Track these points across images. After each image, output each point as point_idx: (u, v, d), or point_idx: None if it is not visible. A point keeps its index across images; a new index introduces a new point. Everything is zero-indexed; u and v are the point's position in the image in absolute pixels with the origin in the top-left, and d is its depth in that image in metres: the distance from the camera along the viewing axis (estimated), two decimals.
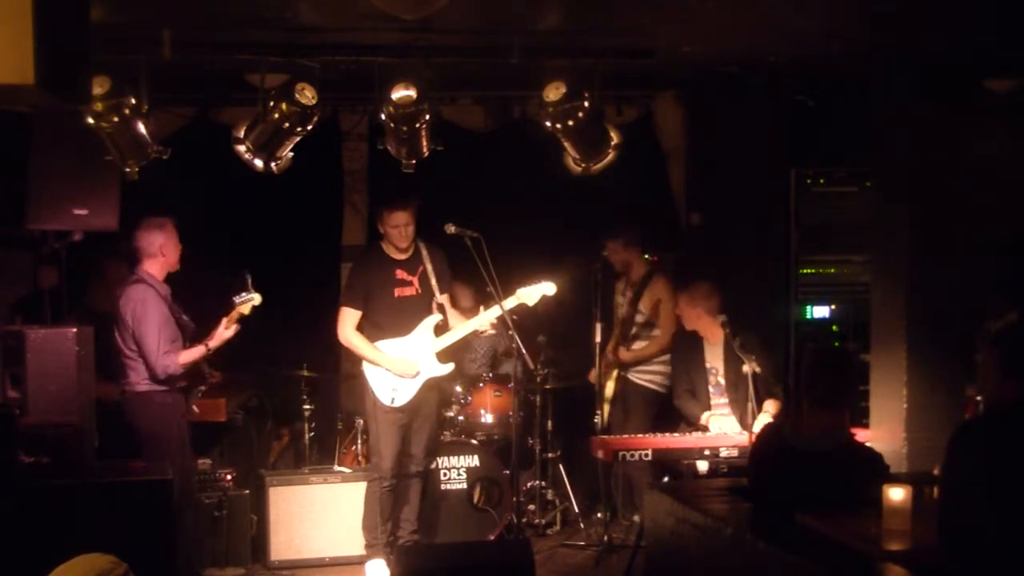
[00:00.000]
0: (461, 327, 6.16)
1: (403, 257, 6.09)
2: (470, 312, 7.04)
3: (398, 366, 5.98)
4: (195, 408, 5.93)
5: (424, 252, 6.12)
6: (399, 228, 5.98)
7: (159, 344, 5.58)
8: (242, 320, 6.13)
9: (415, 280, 6.09)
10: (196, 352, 5.67)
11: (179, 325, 5.76)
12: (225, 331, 5.66)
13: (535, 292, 6.11)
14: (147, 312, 5.61)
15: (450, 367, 6.13)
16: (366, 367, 6.05)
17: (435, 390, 6.22)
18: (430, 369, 6.07)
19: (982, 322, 5.18)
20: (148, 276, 5.72)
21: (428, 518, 6.41)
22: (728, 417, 5.97)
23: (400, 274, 6.07)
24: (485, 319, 6.15)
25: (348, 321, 6.04)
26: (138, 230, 5.74)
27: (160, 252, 5.72)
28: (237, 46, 5.70)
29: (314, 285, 7.49)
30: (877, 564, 3.21)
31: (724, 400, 6.10)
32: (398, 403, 6.00)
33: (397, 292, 6.06)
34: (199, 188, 6.89)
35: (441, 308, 6.14)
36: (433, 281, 6.11)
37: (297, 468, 6.82)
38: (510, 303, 6.05)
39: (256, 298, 5.67)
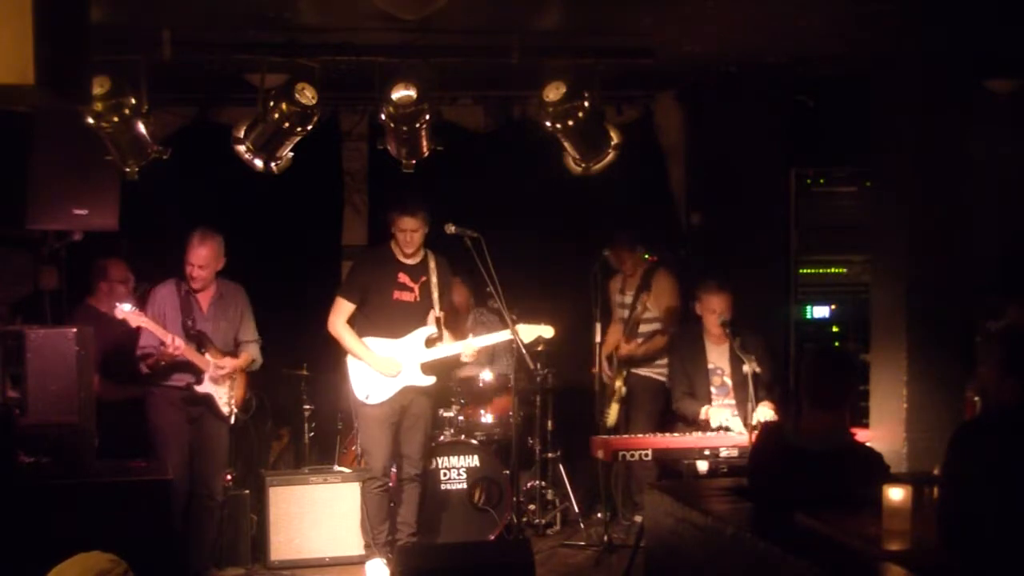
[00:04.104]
0: (451, 345, 6.16)
1: (410, 262, 6.08)
2: (462, 309, 7.06)
3: (380, 364, 5.99)
4: (232, 418, 6.00)
5: (432, 264, 6.13)
6: (405, 233, 5.98)
7: (141, 337, 5.74)
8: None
9: (416, 288, 6.08)
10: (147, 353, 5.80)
11: (184, 328, 5.79)
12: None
13: (532, 332, 6.18)
14: (148, 307, 5.84)
15: (432, 379, 6.11)
16: (348, 361, 6.07)
17: (428, 393, 6.19)
18: (412, 377, 6.06)
19: (982, 322, 5.18)
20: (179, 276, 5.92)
21: (428, 518, 6.41)
22: (734, 418, 5.94)
23: (402, 278, 6.07)
24: (476, 344, 6.19)
25: (340, 312, 6.06)
26: None
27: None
28: (237, 46, 5.71)
29: (314, 285, 7.48)
30: (877, 564, 3.21)
31: (731, 401, 6.08)
32: (372, 400, 6.00)
33: (396, 295, 6.05)
34: (199, 188, 6.89)
35: (437, 322, 6.14)
36: (435, 294, 6.11)
37: (297, 468, 6.82)
38: (504, 335, 6.10)
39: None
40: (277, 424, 7.30)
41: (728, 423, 5.87)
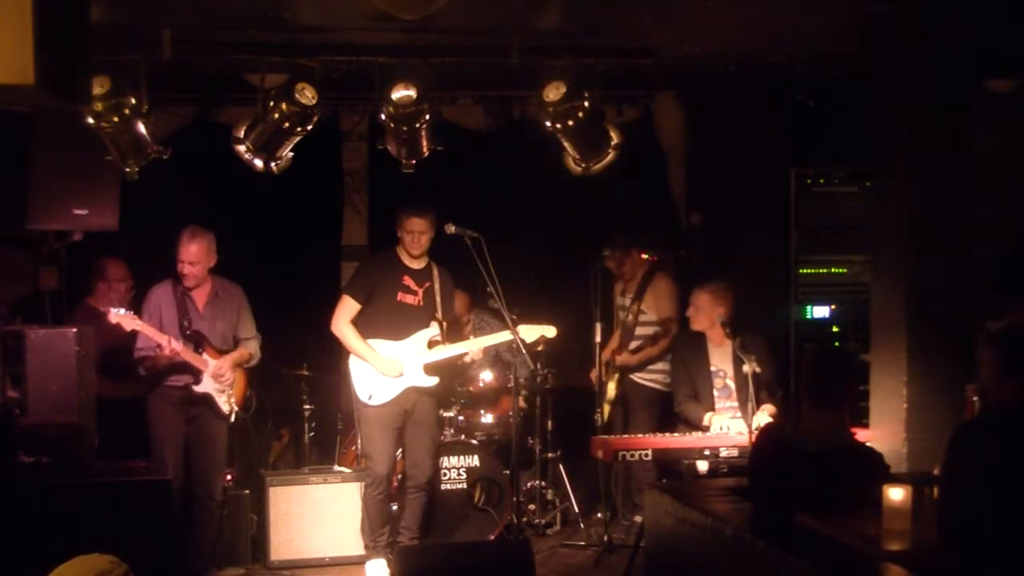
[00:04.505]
0: (455, 346, 6.17)
1: (415, 266, 6.08)
2: (462, 320, 7.06)
3: (384, 365, 5.97)
4: (232, 416, 5.98)
5: (435, 272, 6.13)
6: (413, 234, 5.98)
7: (138, 339, 5.74)
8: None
9: (420, 292, 6.08)
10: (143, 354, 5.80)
11: (180, 328, 5.78)
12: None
13: (535, 332, 6.17)
14: (144, 306, 5.85)
15: (435, 380, 6.11)
16: (352, 362, 6.05)
17: (431, 394, 6.19)
18: (415, 378, 6.05)
19: (982, 322, 5.17)
20: (174, 276, 5.88)
21: (428, 518, 6.40)
22: (736, 419, 5.94)
23: (407, 280, 6.06)
24: (480, 344, 6.20)
25: (346, 311, 6.04)
26: None
27: None
28: (237, 46, 5.71)
29: (314, 285, 7.49)
30: (877, 564, 3.21)
31: (733, 403, 6.07)
32: (375, 400, 5.98)
33: (400, 296, 6.04)
34: (199, 188, 6.89)
35: (439, 324, 6.13)
36: (438, 300, 6.11)
37: (297, 468, 6.82)
38: (505, 336, 6.09)
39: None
40: (277, 424, 7.30)
41: (728, 429, 5.86)
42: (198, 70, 6.32)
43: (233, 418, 6.02)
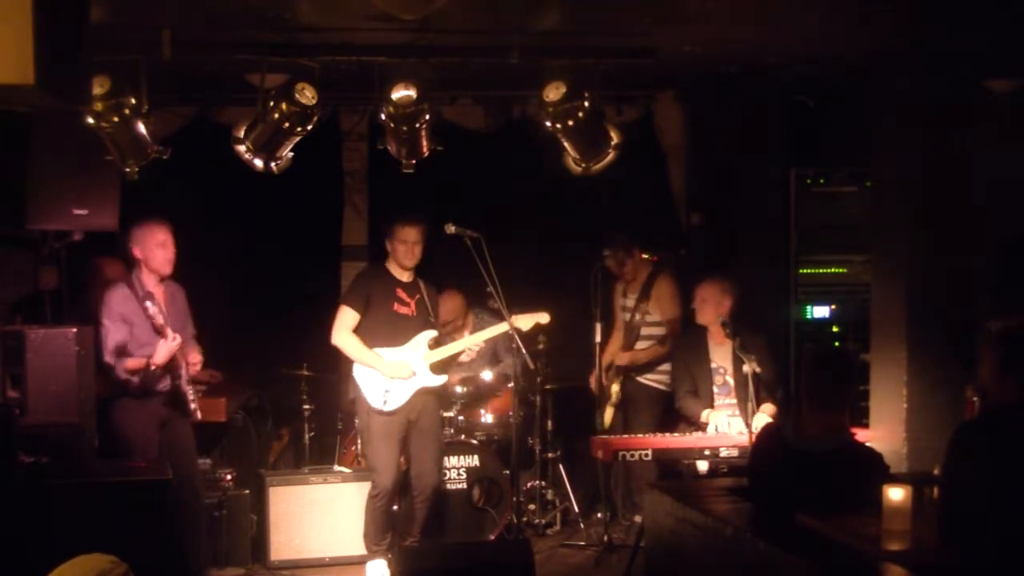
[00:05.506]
0: (456, 343, 6.20)
1: (404, 279, 6.09)
2: (456, 325, 7.05)
3: (392, 369, 5.96)
4: (198, 412, 5.84)
5: (422, 286, 6.15)
6: (408, 244, 5.98)
7: (109, 346, 5.50)
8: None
9: (413, 303, 6.09)
10: (137, 363, 5.50)
11: (155, 330, 5.65)
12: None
13: (528, 320, 6.17)
14: (108, 313, 5.56)
15: (443, 378, 6.12)
16: (357, 371, 6.03)
17: (434, 400, 6.18)
18: (423, 378, 6.05)
19: (982, 322, 5.17)
20: (135, 278, 5.66)
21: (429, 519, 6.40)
22: (735, 417, 5.94)
23: (400, 292, 6.07)
24: (479, 338, 6.21)
25: (346, 322, 6.02)
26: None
27: (137, 256, 5.64)
28: (237, 46, 5.70)
29: (314, 285, 7.50)
30: (877, 564, 3.21)
31: (732, 400, 6.08)
32: (390, 406, 5.95)
33: (396, 307, 6.05)
34: (199, 188, 6.89)
35: (433, 326, 6.14)
36: (429, 307, 6.12)
37: (297, 468, 6.82)
38: (502, 328, 6.10)
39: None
40: (277, 424, 7.30)
41: (726, 428, 5.86)
42: (198, 70, 6.31)
43: (199, 415, 5.90)
